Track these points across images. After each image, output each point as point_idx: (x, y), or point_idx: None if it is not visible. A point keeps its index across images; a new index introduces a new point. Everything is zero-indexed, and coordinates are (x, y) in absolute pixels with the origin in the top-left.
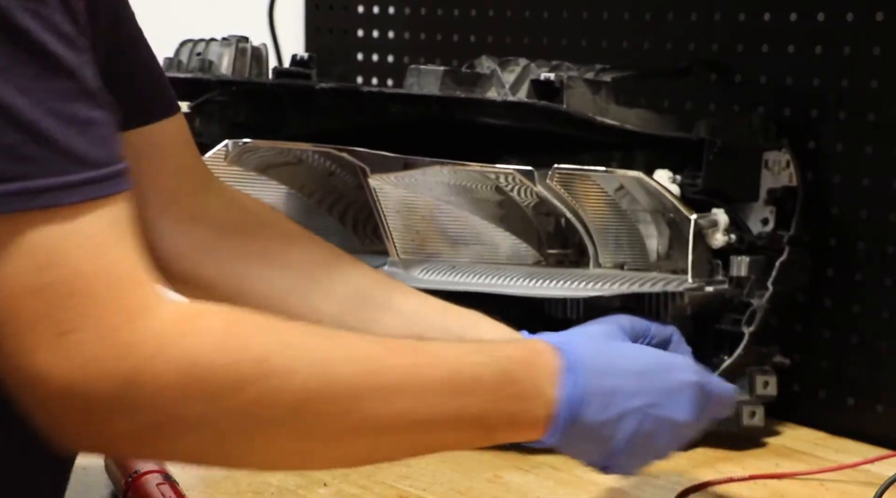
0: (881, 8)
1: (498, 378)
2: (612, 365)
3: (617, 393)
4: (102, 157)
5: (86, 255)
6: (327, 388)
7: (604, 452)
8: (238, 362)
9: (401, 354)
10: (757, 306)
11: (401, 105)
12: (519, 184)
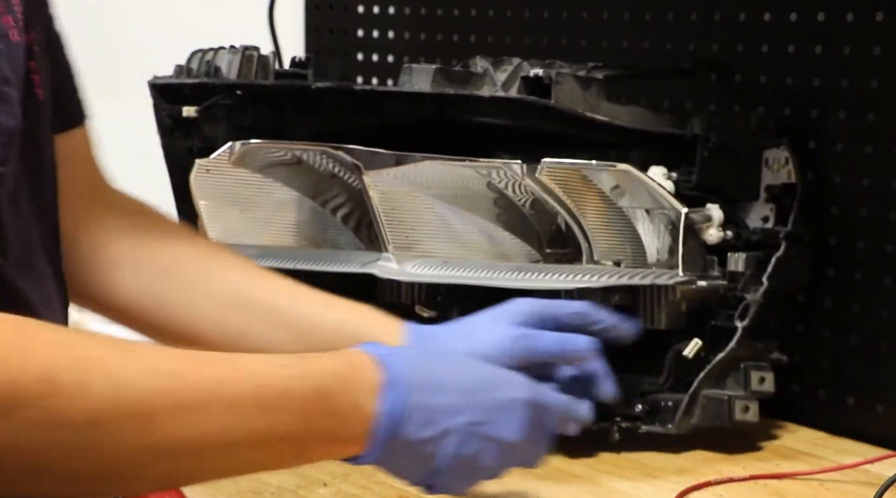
0: (881, 8)
1: (310, 393)
2: (436, 381)
3: (440, 410)
4: None
5: None
6: (121, 405)
7: (426, 471)
8: (20, 379)
9: (205, 369)
10: (750, 301)
11: (394, 103)
12: (509, 179)
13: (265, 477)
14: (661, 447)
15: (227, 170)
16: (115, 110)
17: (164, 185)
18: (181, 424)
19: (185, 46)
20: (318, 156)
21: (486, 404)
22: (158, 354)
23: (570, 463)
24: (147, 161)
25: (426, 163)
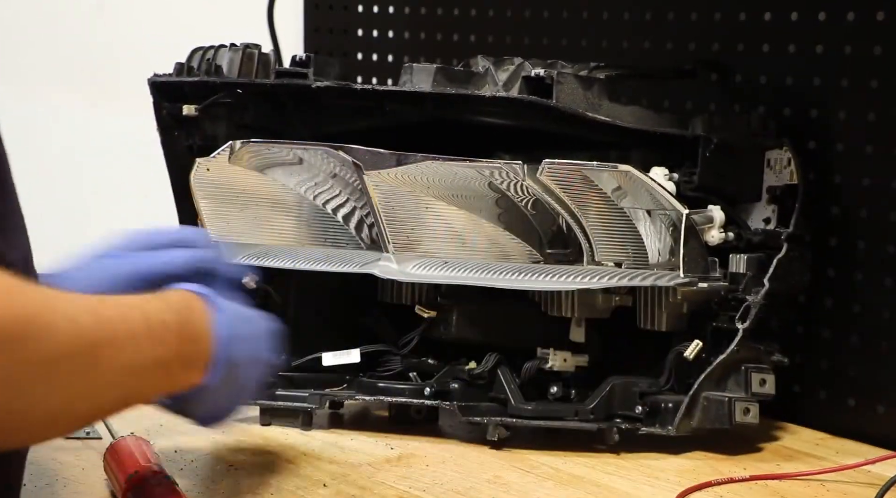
0: (882, 7)
1: (176, 323)
2: (241, 313)
3: (250, 337)
4: None
5: None
6: (77, 343)
7: (234, 396)
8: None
9: (111, 308)
10: (752, 302)
11: (395, 102)
12: (510, 179)
13: (265, 477)
14: (662, 448)
15: (227, 169)
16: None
17: (164, 184)
18: (114, 356)
19: (185, 45)
20: (319, 155)
21: (264, 332)
22: (79, 298)
23: (570, 463)
24: (147, 160)
25: (427, 163)
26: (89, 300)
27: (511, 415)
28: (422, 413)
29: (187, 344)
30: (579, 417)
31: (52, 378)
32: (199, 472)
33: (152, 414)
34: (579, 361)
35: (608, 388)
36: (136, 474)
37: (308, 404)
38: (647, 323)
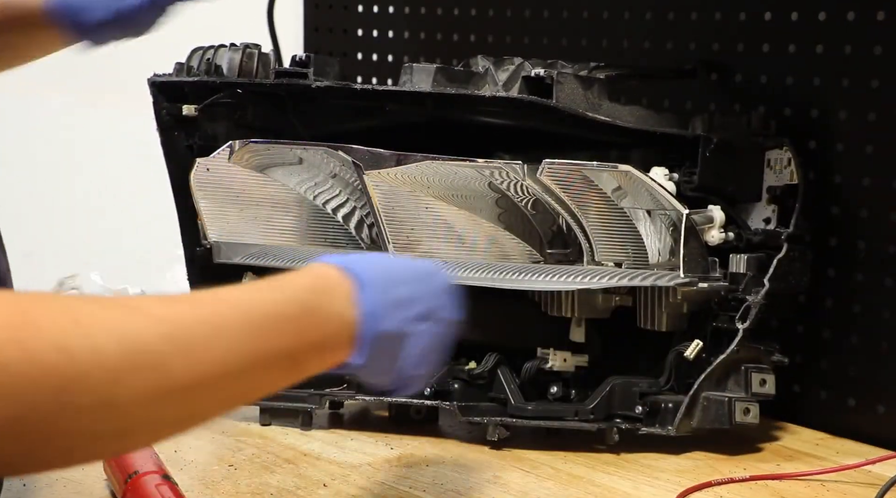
0: (882, 7)
1: (298, 311)
2: (393, 276)
3: (405, 302)
4: None
5: None
6: (133, 360)
7: (399, 365)
8: (35, 354)
9: (198, 309)
10: (752, 302)
11: (394, 102)
12: (510, 179)
13: (265, 478)
14: (662, 448)
15: (227, 168)
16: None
17: (164, 183)
18: (189, 365)
19: (185, 45)
20: (319, 155)
21: (434, 291)
22: (154, 304)
23: (570, 463)
24: (147, 160)
25: (427, 163)
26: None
27: (511, 415)
28: (422, 413)
29: (314, 330)
30: (579, 417)
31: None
32: (199, 472)
33: None
34: (579, 361)
35: (608, 388)
36: (136, 474)
37: (308, 404)
38: (647, 323)
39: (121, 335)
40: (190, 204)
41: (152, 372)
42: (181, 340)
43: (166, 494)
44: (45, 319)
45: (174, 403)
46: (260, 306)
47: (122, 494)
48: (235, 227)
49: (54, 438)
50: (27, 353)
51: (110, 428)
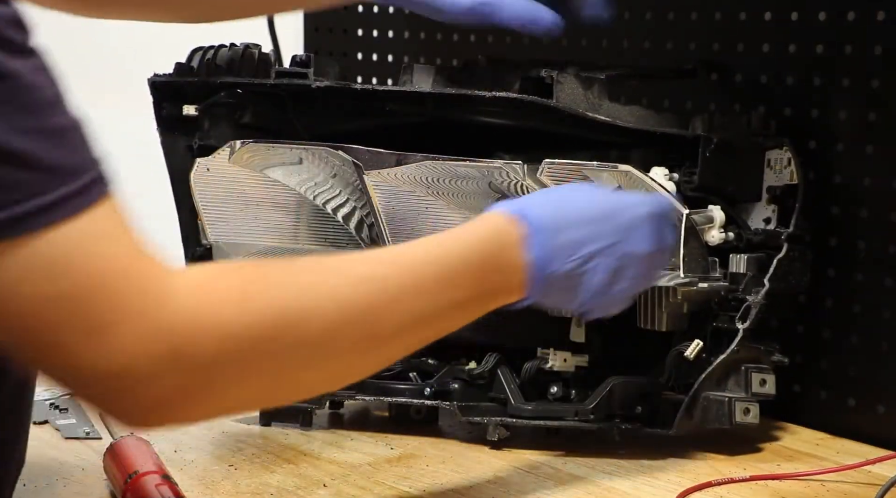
0: (882, 7)
1: (478, 260)
2: (567, 219)
3: (577, 243)
4: (83, 164)
5: (94, 256)
6: (344, 317)
7: (578, 298)
8: (261, 321)
9: (397, 264)
10: (752, 302)
11: (394, 102)
12: (510, 179)
13: (265, 478)
14: (662, 448)
15: (227, 169)
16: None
17: (164, 184)
18: (392, 316)
19: (185, 45)
20: (319, 155)
21: (615, 228)
22: (358, 262)
23: (570, 463)
24: (147, 160)
25: (427, 163)
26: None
27: (511, 415)
28: (422, 413)
29: (493, 276)
30: (579, 417)
31: (323, 355)
32: (199, 472)
33: None
34: (579, 361)
35: (608, 388)
36: (136, 474)
37: (308, 404)
38: (647, 323)
39: (333, 296)
40: (190, 204)
41: (361, 327)
42: (385, 296)
43: (166, 494)
44: (272, 288)
45: (379, 350)
46: (447, 261)
47: (122, 493)
48: (235, 228)
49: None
50: (253, 319)
51: (326, 376)
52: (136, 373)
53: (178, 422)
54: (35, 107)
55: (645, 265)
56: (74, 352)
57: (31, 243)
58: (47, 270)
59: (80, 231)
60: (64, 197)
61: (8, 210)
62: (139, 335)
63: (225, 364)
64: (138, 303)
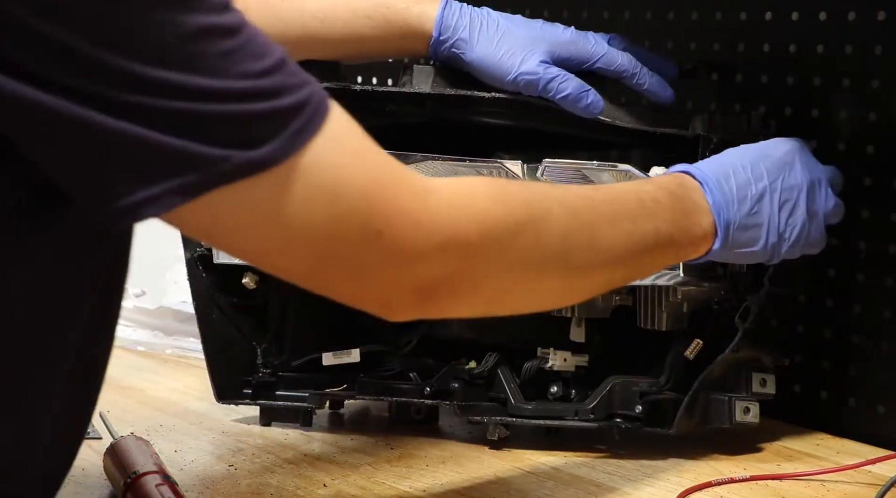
0: (883, 7)
1: (670, 200)
2: (728, 169)
3: (744, 185)
4: (306, 85)
5: (357, 168)
6: (575, 222)
7: (762, 238)
8: (514, 212)
9: (602, 191)
10: (751, 302)
11: (394, 103)
12: (510, 179)
13: (265, 478)
14: (662, 448)
15: None
16: None
17: None
18: (612, 234)
19: None
20: None
21: (772, 165)
22: (575, 187)
23: (570, 463)
24: None
25: (426, 162)
26: (582, 188)
27: (511, 414)
28: (422, 413)
29: (684, 217)
30: (579, 416)
31: (561, 256)
32: (199, 472)
33: (152, 414)
34: (579, 361)
35: (608, 387)
36: (136, 474)
37: (308, 404)
38: (647, 323)
39: (564, 204)
40: None
41: (588, 234)
42: (602, 213)
43: (166, 494)
44: (515, 191)
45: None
46: (643, 195)
47: (123, 494)
48: None
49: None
50: (508, 209)
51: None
52: (415, 264)
53: (445, 309)
54: (260, 49)
55: (808, 196)
56: (360, 258)
57: (300, 165)
58: (325, 194)
59: (336, 147)
60: (311, 116)
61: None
62: (417, 230)
63: (486, 251)
64: (410, 201)
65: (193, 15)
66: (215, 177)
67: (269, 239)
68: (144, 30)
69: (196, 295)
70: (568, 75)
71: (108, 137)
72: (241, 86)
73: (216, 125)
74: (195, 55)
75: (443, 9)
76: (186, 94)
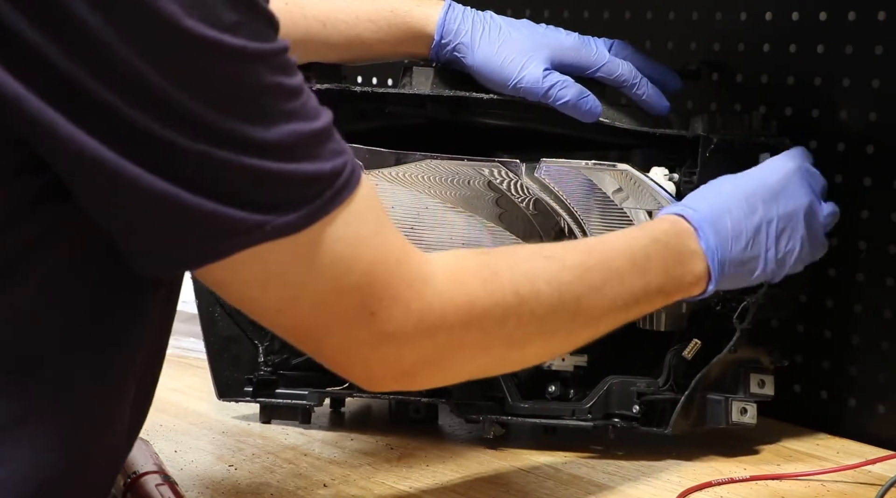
0: (883, 7)
1: (662, 252)
2: (722, 206)
3: (739, 222)
4: (343, 153)
5: (369, 246)
6: (561, 299)
7: (757, 272)
8: (502, 299)
9: (593, 254)
10: (750, 302)
11: (394, 104)
12: (509, 178)
13: (265, 478)
14: (662, 448)
15: None
16: None
17: None
18: (596, 299)
19: None
20: None
21: (766, 195)
22: (565, 254)
23: (570, 463)
24: None
25: (426, 162)
26: (577, 252)
27: (508, 413)
28: (421, 412)
29: (677, 267)
30: (576, 416)
31: (542, 332)
32: (199, 472)
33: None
34: (578, 361)
35: (606, 387)
36: (136, 474)
37: (306, 402)
38: (646, 323)
39: (550, 281)
40: None
41: (572, 308)
42: (587, 282)
43: (166, 494)
44: (505, 273)
45: (584, 330)
46: (636, 251)
47: (123, 494)
48: None
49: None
50: (496, 300)
51: (542, 350)
52: (401, 347)
53: (424, 383)
54: (314, 111)
55: (807, 217)
56: (351, 334)
57: (323, 233)
58: (335, 266)
59: (354, 220)
60: (344, 185)
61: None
62: (407, 316)
63: (471, 338)
64: (406, 289)
65: (267, 72)
66: (247, 241)
67: (277, 299)
68: (220, 77)
69: (199, 294)
70: (567, 82)
71: (151, 197)
72: (293, 144)
73: (260, 184)
74: (259, 109)
75: (445, 12)
76: (241, 144)
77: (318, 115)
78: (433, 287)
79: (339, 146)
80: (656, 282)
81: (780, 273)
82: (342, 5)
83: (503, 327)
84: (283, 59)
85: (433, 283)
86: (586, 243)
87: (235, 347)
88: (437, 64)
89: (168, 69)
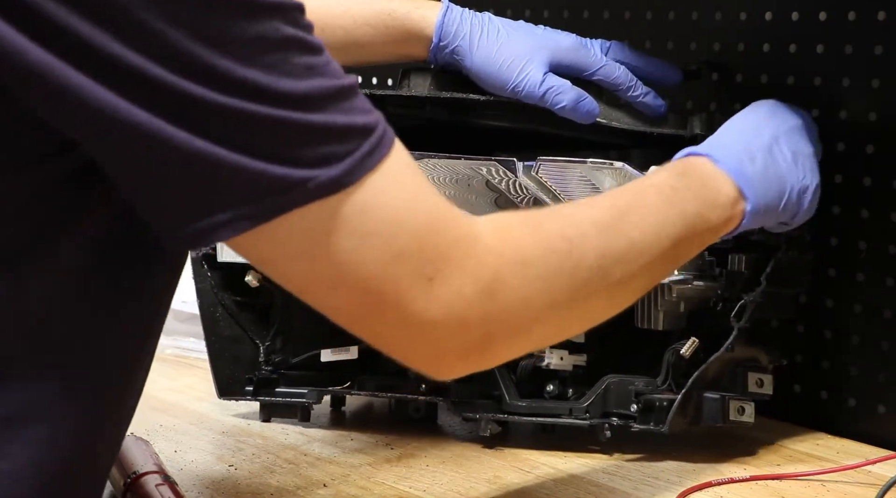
0: (883, 7)
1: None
2: (723, 136)
3: (749, 144)
4: (374, 111)
5: (414, 206)
6: (609, 238)
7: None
8: (552, 246)
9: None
10: (747, 301)
11: (394, 106)
12: (507, 177)
13: (265, 478)
14: (661, 448)
15: None
16: None
17: None
18: (642, 236)
19: None
20: None
21: (762, 119)
22: (598, 199)
23: (569, 463)
24: None
25: (425, 162)
26: (605, 197)
27: (505, 412)
28: (420, 410)
29: (703, 189)
30: (574, 415)
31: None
32: (199, 472)
33: (152, 415)
34: (576, 360)
35: (603, 386)
36: (136, 474)
37: (306, 400)
38: (644, 322)
39: (594, 221)
40: None
41: (617, 239)
42: (629, 221)
43: (166, 494)
44: (548, 222)
45: (641, 272)
46: (660, 183)
47: (123, 494)
48: None
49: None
50: (546, 248)
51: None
52: (464, 313)
53: (497, 358)
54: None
55: (809, 136)
56: (410, 304)
57: (363, 195)
58: (384, 231)
59: (395, 180)
60: (380, 140)
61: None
62: (463, 278)
63: (532, 288)
64: (457, 249)
65: (285, 26)
66: (292, 200)
67: (328, 272)
68: (240, 31)
69: (201, 293)
70: (565, 85)
71: (187, 157)
72: (322, 97)
73: (295, 137)
74: (283, 61)
75: (444, 14)
76: (271, 97)
77: (343, 74)
78: (483, 244)
79: (368, 105)
80: (692, 207)
81: (804, 199)
82: (339, 10)
83: (560, 275)
84: (299, 16)
85: (482, 240)
86: (611, 193)
87: (236, 346)
88: (435, 66)
89: (189, 25)
